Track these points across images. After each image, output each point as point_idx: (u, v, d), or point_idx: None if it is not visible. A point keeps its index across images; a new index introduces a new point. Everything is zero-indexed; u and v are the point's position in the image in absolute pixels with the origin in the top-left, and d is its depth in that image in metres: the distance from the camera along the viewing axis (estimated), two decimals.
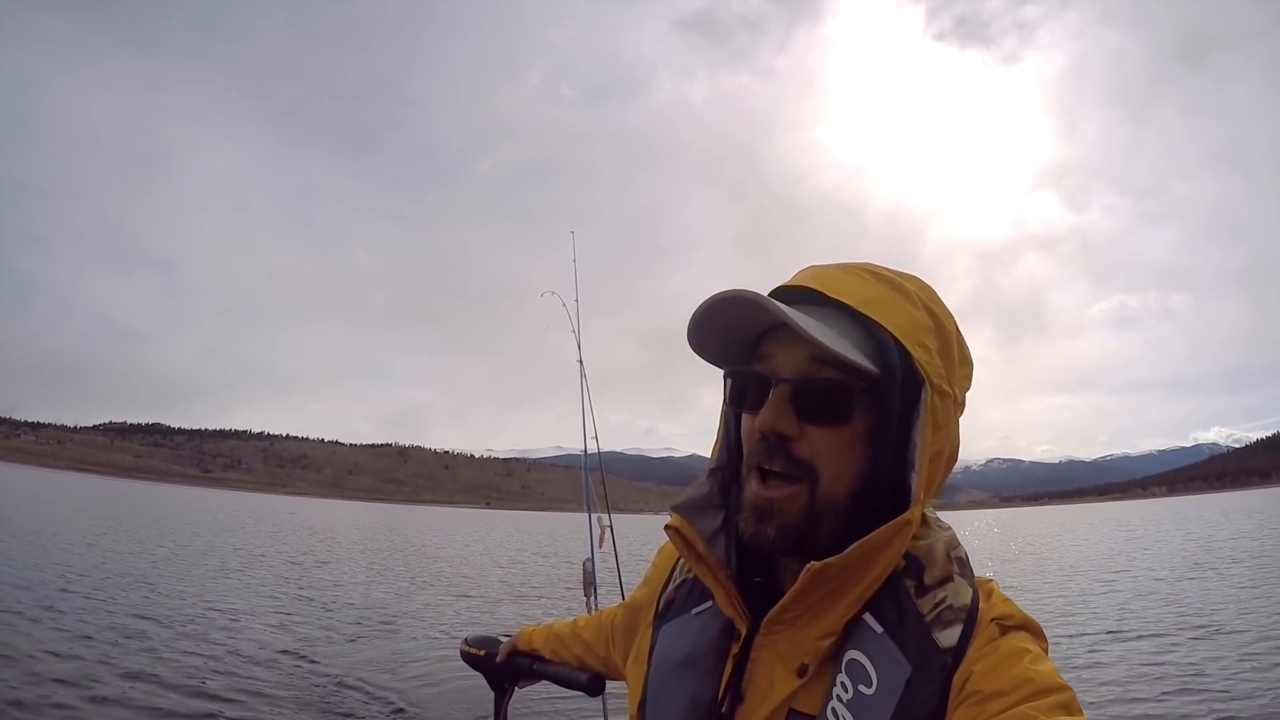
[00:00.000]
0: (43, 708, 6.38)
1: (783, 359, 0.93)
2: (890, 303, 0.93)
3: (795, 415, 0.91)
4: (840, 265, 0.99)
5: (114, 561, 17.39)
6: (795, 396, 0.91)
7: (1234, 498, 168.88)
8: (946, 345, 0.95)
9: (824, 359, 0.90)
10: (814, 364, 0.91)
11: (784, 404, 0.91)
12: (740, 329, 0.97)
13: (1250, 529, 36.93)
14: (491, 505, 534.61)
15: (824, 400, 0.90)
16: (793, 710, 0.90)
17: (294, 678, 8.44)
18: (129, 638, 9.37)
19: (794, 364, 0.92)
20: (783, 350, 0.94)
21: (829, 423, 0.90)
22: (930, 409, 0.91)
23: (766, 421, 0.91)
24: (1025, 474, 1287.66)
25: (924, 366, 0.91)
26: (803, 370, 0.91)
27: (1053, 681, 0.80)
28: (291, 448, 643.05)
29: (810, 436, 0.90)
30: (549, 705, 7.07)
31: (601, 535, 4.95)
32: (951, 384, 0.94)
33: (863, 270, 0.98)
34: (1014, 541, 41.98)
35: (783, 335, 0.94)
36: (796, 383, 0.91)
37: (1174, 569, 20.48)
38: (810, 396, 0.90)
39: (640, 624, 1.20)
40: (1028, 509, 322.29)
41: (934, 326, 0.94)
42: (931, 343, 0.93)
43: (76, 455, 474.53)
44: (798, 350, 0.92)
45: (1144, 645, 10.20)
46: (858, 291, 0.94)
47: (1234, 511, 64.98)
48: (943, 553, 0.92)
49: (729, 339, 0.98)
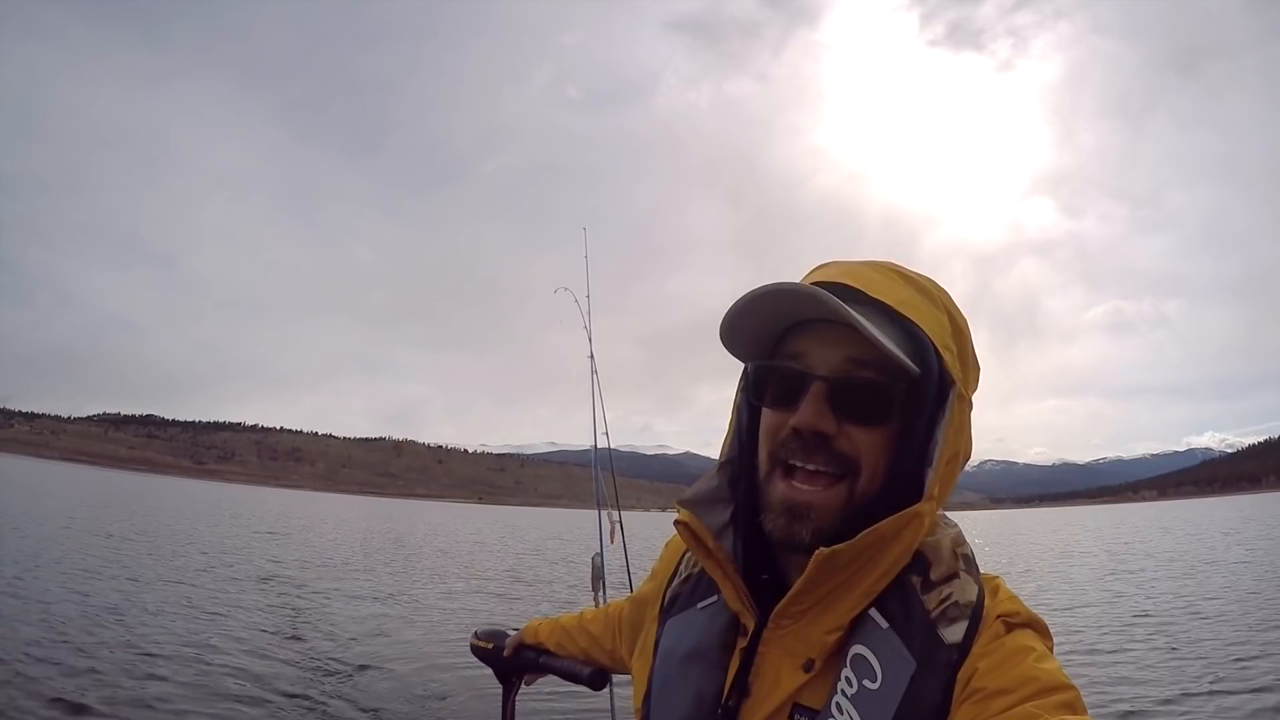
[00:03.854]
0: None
1: (818, 356, 0.92)
2: (921, 305, 0.94)
3: (834, 413, 0.90)
4: (867, 263, 0.99)
5: (117, 552, 17.36)
6: (834, 395, 0.90)
7: (1223, 503, 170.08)
8: (964, 348, 0.96)
9: (862, 359, 0.90)
10: (852, 363, 0.90)
11: (822, 402, 0.90)
12: (769, 324, 0.97)
13: (1223, 535, 37.30)
14: (484, 500, 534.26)
15: (867, 400, 0.90)
16: (798, 705, 0.90)
17: (300, 670, 8.43)
18: (126, 641, 9.01)
19: (830, 362, 0.91)
20: (818, 347, 0.93)
21: (870, 422, 0.90)
22: (954, 411, 0.92)
23: (806, 419, 0.90)
24: (1018, 476, 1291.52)
25: (951, 369, 0.92)
26: (839, 368, 0.91)
27: (1057, 680, 0.79)
28: (285, 440, 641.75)
29: (850, 434, 0.90)
30: (557, 698, 7.08)
31: (612, 530, 4.94)
32: (967, 387, 0.95)
33: (890, 270, 0.98)
34: (979, 538, 42.32)
35: (819, 332, 0.93)
36: (835, 381, 0.90)
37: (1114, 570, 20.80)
38: (852, 395, 0.90)
39: (646, 618, 1.20)
40: (1018, 511, 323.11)
41: (954, 330, 0.95)
42: (954, 346, 0.94)
43: (70, 446, 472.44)
44: (836, 348, 0.91)
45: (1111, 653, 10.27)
46: (894, 293, 0.93)
47: (1220, 517, 65.26)
48: (949, 549, 0.92)
49: (755, 334, 0.98)
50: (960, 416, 0.93)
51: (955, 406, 0.92)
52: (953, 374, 0.92)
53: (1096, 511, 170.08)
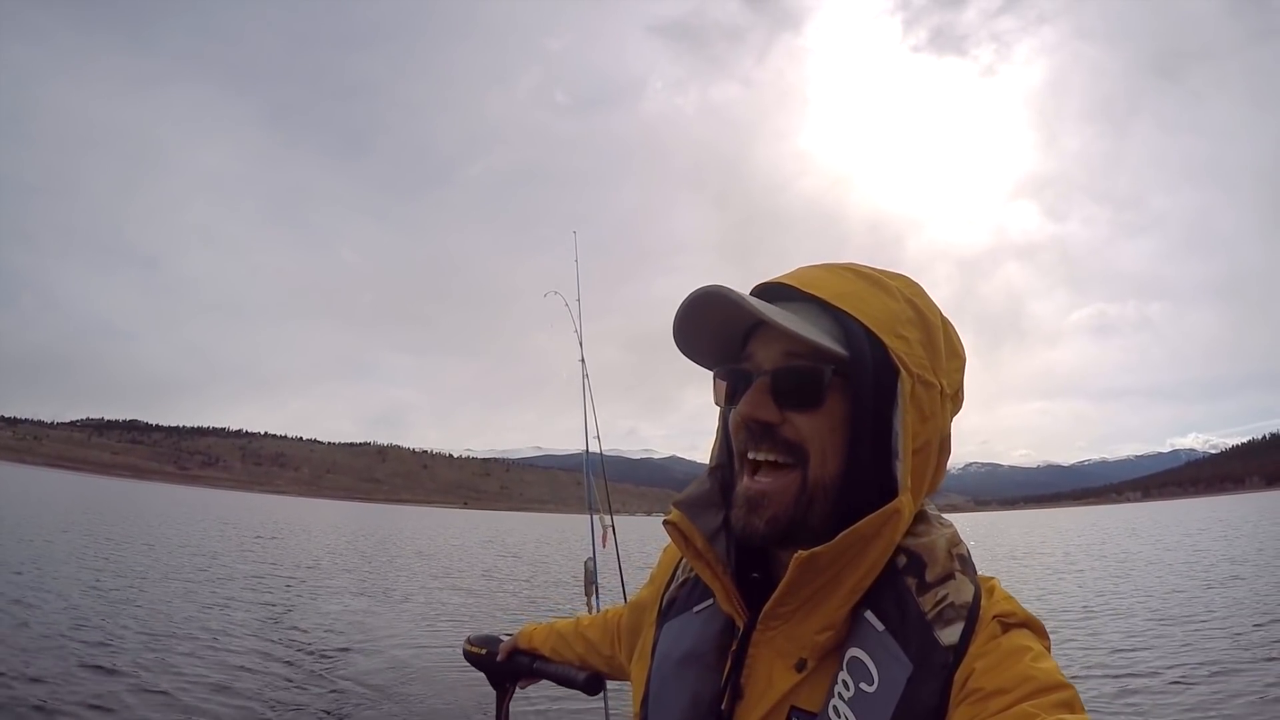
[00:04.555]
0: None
1: (763, 354, 0.96)
2: (866, 296, 0.95)
3: (775, 403, 0.93)
4: (824, 265, 1.02)
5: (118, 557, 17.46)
6: (773, 385, 0.93)
7: (1204, 503, 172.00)
8: (930, 337, 0.96)
9: (797, 350, 0.93)
10: (789, 355, 0.93)
11: (763, 394, 0.93)
12: (727, 330, 1.00)
13: (1202, 535, 38.32)
14: (469, 505, 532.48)
15: (797, 384, 0.92)
16: (794, 708, 0.90)
17: (293, 679, 8.28)
18: (133, 647, 9.03)
19: (772, 357, 0.95)
20: (763, 347, 0.96)
21: (805, 406, 0.92)
22: (913, 398, 0.91)
23: (745, 410, 0.93)
24: (1004, 478, 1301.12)
25: (900, 355, 0.92)
26: (779, 362, 0.94)
27: (1055, 680, 0.79)
28: (270, 446, 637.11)
29: (793, 421, 0.92)
30: (552, 704, 7.09)
31: (604, 535, 4.93)
32: (938, 375, 0.95)
33: (844, 269, 1.00)
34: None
35: (763, 332, 0.97)
36: (774, 372, 0.94)
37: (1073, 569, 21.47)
38: (785, 383, 0.93)
39: (645, 623, 1.21)
40: (1002, 513, 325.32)
41: (916, 318, 0.96)
42: (911, 333, 0.94)
43: (53, 451, 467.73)
44: (775, 344, 0.95)
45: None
46: (833, 287, 0.96)
47: (1194, 518, 66.26)
48: (944, 550, 0.92)
49: (720, 341, 1.01)
50: (927, 405, 0.93)
51: (918, 393, 0.92)
52: (904, 359, 0.91)
53: (1077, 513, 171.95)
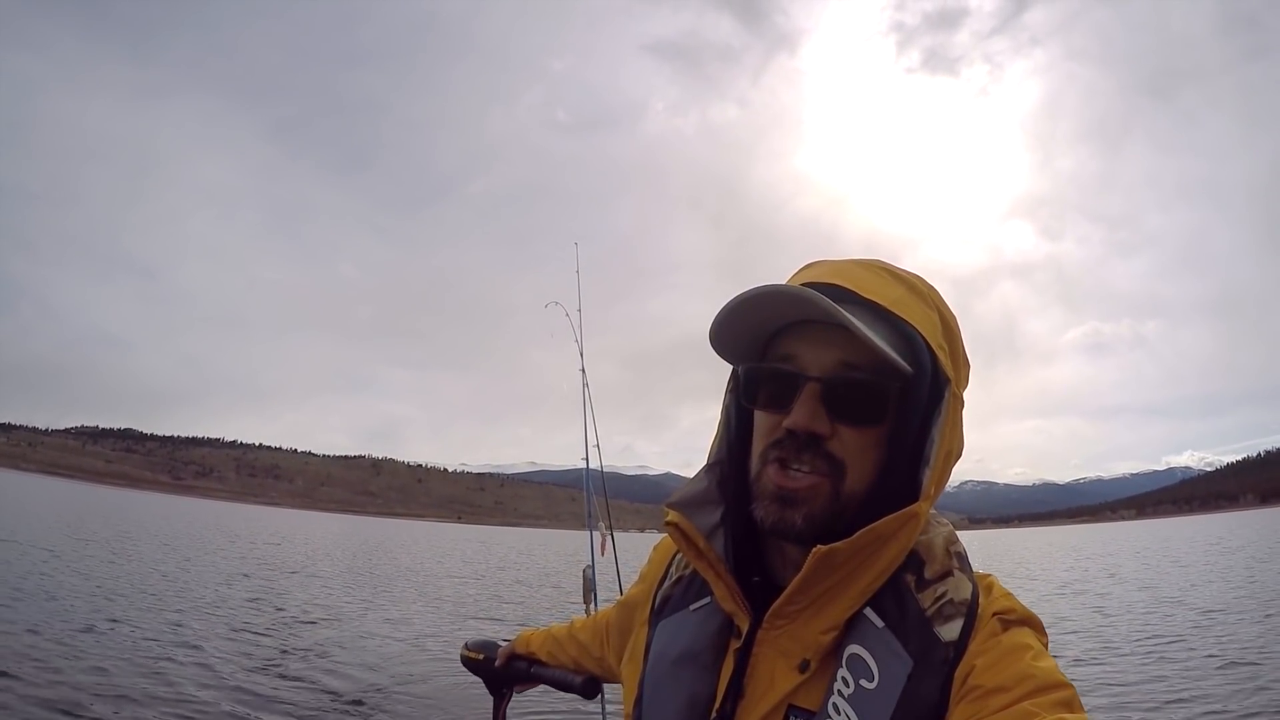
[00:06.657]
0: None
1: (810, 358, 0.92)
2: (911, 302, 0.93)
3: (828, 414, 0.89)
4: (856, 262, 0.98)
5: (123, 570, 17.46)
6: (827, 395, 0.90)
7: (1197, 521, 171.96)
8: (954, 346, 0.96)
9: (854, 360, 0.89)
10: (844, 365, 0.90)
11: (816, 403, 0.89)
12: (759, 326, 0.97)
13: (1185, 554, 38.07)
14: (463, 520, 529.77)
15: (861, 400, 0.90)
16: (793, 706, 0.89)
17: (289, 688, 8.25)
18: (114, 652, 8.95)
19: (822, 363, 0.91)
20: (810, 349, 0.92)
21: (863, 423, 0.90)
22: (949, 409, 0.91)
23: (800, 421, 0.89)
24: (999, 496, 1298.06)
25: (944, 367, 0.91)
26: (831, 369, 0.90)
27: (1054, 678, 0.79)
28: (264, 457, 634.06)
29: (842, 435, 0.90)
30: (549, 709, 7.13)
31: (603, 542, 4.95)
32: (959, 385, 0.95)
33: (879, 268, 0.97)
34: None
35: (811, 333, 0.93)
36: (828, 381, 0.90)
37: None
38: (845, 396, 0.90)
39: (635, 622, 1.19)
40: (997, 531, 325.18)
41: (943, 325, 0.95)
42: (945, 343, 0.94)
43: (47, 458, 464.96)
44: (829, 349, 0.91)
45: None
46: (885, 291, 0.93)
47: (1181, 536, 66.23)
48: (942, 548, 0.93)
49: (745, 336, 0.98)
50: (953, 414, 0.92)
51: (950, 404, 0.92)
52: (947, 371, 0.91)
53: (1069, 531, 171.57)
